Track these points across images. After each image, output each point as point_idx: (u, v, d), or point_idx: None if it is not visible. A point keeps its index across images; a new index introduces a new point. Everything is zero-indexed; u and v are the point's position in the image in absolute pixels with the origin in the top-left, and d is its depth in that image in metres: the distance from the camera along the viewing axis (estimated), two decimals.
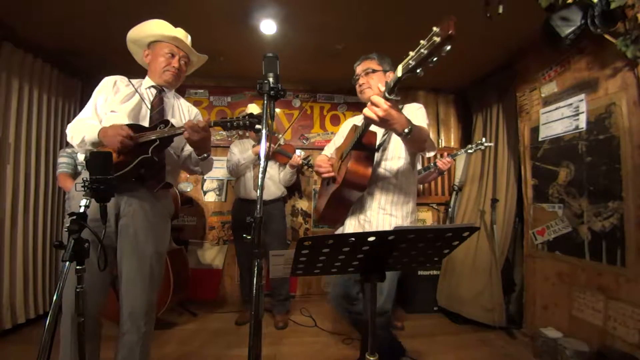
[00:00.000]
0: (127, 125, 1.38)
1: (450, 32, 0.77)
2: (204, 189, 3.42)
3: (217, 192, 3.43)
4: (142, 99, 1.52)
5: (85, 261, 1.04)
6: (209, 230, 3.37)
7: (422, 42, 0.86)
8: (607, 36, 1.80)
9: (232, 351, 2.22)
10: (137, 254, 1.41)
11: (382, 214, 1.47)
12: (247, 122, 1.34)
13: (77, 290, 1.02)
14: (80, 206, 1.01)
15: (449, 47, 0.80)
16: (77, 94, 3.14)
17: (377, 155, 1.48)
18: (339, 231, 1.62)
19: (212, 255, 3.33)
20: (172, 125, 1.42)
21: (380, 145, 1.50)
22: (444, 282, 2.90)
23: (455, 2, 2.01)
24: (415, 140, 1.25)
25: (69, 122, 3.08)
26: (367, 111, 1.09)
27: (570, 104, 2.21)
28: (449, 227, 1.06)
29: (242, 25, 2.36)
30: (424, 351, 2.24)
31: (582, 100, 2.12)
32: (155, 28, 1.56)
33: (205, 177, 3.42)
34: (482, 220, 2.85)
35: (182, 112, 1.67)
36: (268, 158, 1.04)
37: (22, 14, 2.23)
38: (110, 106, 1.46)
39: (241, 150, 2.69)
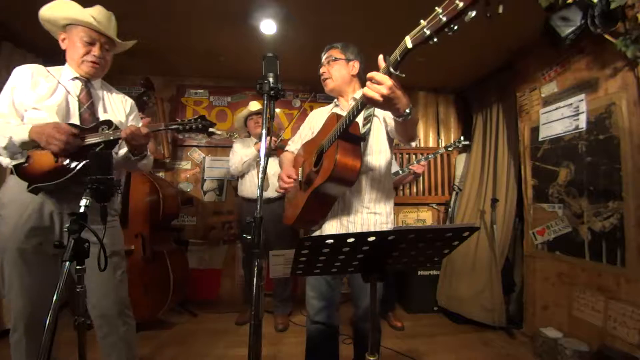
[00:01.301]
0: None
1: None
2: (204, 189, 3.42)
3: (217, 192, 3.43)
4: (67, 92, 1.34)
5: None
6: (209, 230, 3.37)
7: (437, 9, 0.77)
8: (607, 36, 1.80)
9: (232, 351, 2.22)
10: (94, 259, 1.36)
11: (366, 213, 1.39)
12: (200, 125, 1.29)
13: (77, 290, 1.02)
14: (80, 206, 1.01)
15: (474, 13, 0.71)
16: None
17: None
18: (317, 234, 1.44)
19: (212, 255, 3.33)
20: (117, 127, 1.32)
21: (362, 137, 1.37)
22: (444, 282, 2.90)
23: None
24: (412, 123, 1.13)
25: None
26: (367, 90, 0.94)
27: (570, 104, 2.21)
28: (449, 227, 1.05)
29: (242, 25, 2.36)
30: (424, 351, 2.24)
31: (582, 100, 2.12)
32: (66, 10, 1.33)
33: (205, 177, 3.42)
34: (482, 220, 2.85)
35: (114, 105, 1.50)
36: (269, 156, 1.03)
37: (22, 14, 2.23)
38: (32, 103, 1.28)
39: (243, 148, 2.67)
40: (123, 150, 1.49)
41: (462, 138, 2.46)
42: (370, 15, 2.24)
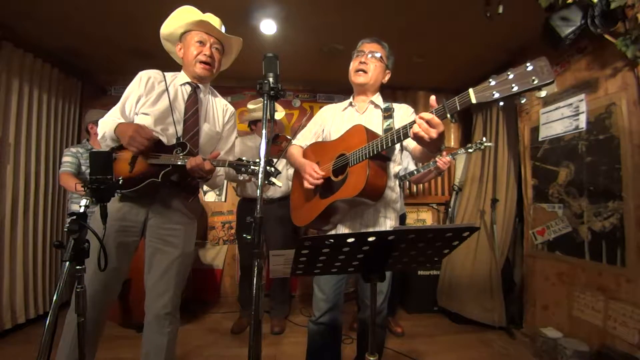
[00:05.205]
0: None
1: (552, 79, 0.75)
2: (204, 189, 3.42)
3: (217, 192, 3.43)
4: (171, 100, 1.42)
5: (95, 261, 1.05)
6: (209, 230, 3.37)
7: (510, 74, 0.80)
8: (607, 36, 1.80)
9: (232, 351, 2.22)
10: (162, 255, 1.39)
11: (378, 217, 1.46)
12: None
13: (77, 290, 1.01)
14: (80, 206, 1.01)
15: (544, 94, 0.78)
16: (77, 94, 3.14)
17: None
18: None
19: (212, 255, 3.33)
20: (189, 152, 1.35)
21: None
22: (444, 282, 2.89)
23: (456, 2, 2.02)
24: (434, 155, 1.20)
25: (68, 122, 3.11)
26: (419, 130, 0.95)
27: (570, 104, 2.21)
28: (449, 227, 1.05)
29: (242, 25, 2.36)
30: (424, 351, 2.24)
31: (582, 100, 2.12)
32: (182, 17, 1.45)
33: None
34: (482, 220, 2.85)
35: (217, 113, 1.57)
36: (268, 158, 1.03)
37: (22, 14, 2.23)
38: (142, 108, 1.39)
39: (244, 146, 2.60)
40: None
41: (484, 139, 2.31)
42: (370, 16, 2.24)
